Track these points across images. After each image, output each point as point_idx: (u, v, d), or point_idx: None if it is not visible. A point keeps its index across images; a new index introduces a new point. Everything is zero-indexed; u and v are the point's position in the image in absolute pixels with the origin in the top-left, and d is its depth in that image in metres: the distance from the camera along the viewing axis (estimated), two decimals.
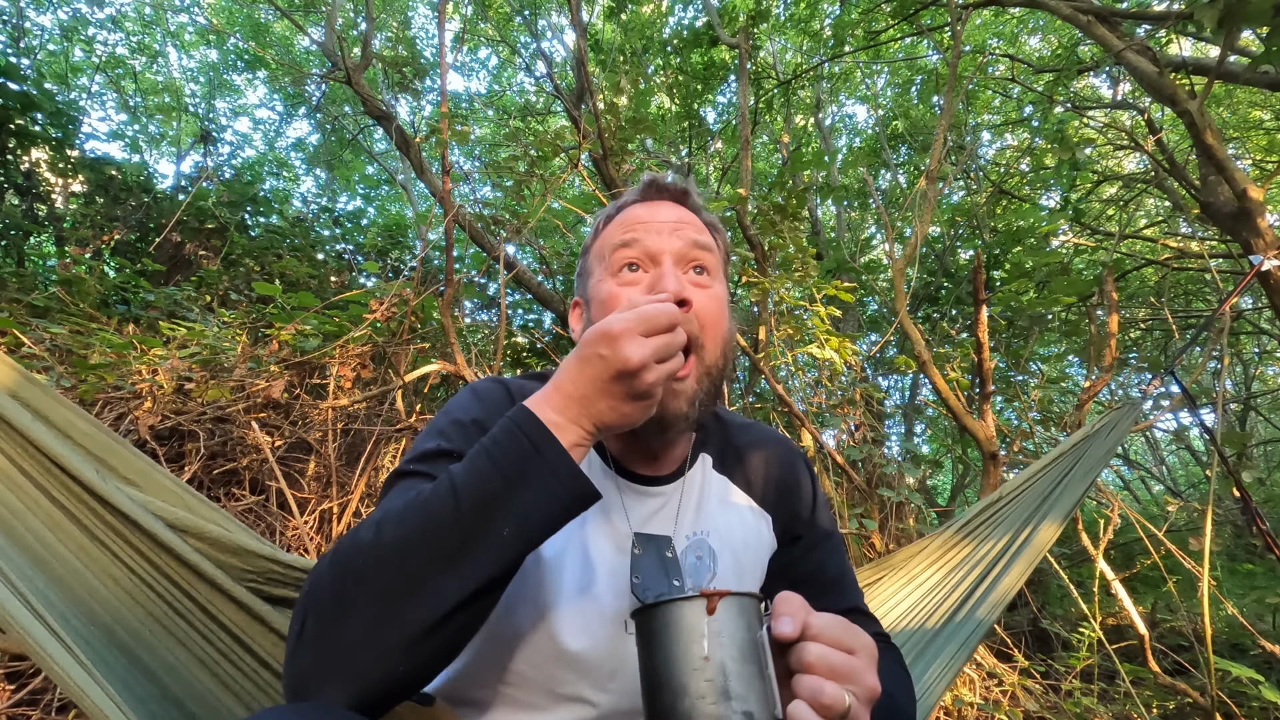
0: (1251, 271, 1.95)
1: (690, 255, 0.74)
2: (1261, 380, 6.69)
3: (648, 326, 0.58)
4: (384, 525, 0.54)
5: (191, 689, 0.78)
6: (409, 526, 0.54)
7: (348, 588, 0.53)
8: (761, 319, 3.28)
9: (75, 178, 4.19)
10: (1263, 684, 1.80)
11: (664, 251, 0.73)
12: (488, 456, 0.56)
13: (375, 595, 0.52)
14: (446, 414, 0.76)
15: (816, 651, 0.47)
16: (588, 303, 0.80)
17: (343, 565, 0.54)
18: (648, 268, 0.74)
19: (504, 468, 0.55)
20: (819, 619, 0.50)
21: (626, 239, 0.74)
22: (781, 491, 0.86)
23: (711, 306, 0.72)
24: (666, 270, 0.71)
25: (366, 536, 0.54)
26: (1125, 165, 6.24)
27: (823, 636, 0.49)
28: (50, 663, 0.58)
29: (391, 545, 0.53)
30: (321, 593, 0.54)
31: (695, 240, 0.75)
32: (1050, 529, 1.32)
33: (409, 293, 2.78)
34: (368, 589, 0.52)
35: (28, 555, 0.75)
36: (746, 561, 0.81)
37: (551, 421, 0.57)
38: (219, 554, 0.86)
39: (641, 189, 0.81)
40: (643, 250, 0.74)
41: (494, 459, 0.56)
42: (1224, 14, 1.97)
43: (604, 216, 0.83)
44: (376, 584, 0.52)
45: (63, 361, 2.33)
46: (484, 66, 8.81)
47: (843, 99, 8.08)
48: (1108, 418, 1.50)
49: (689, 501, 0.80)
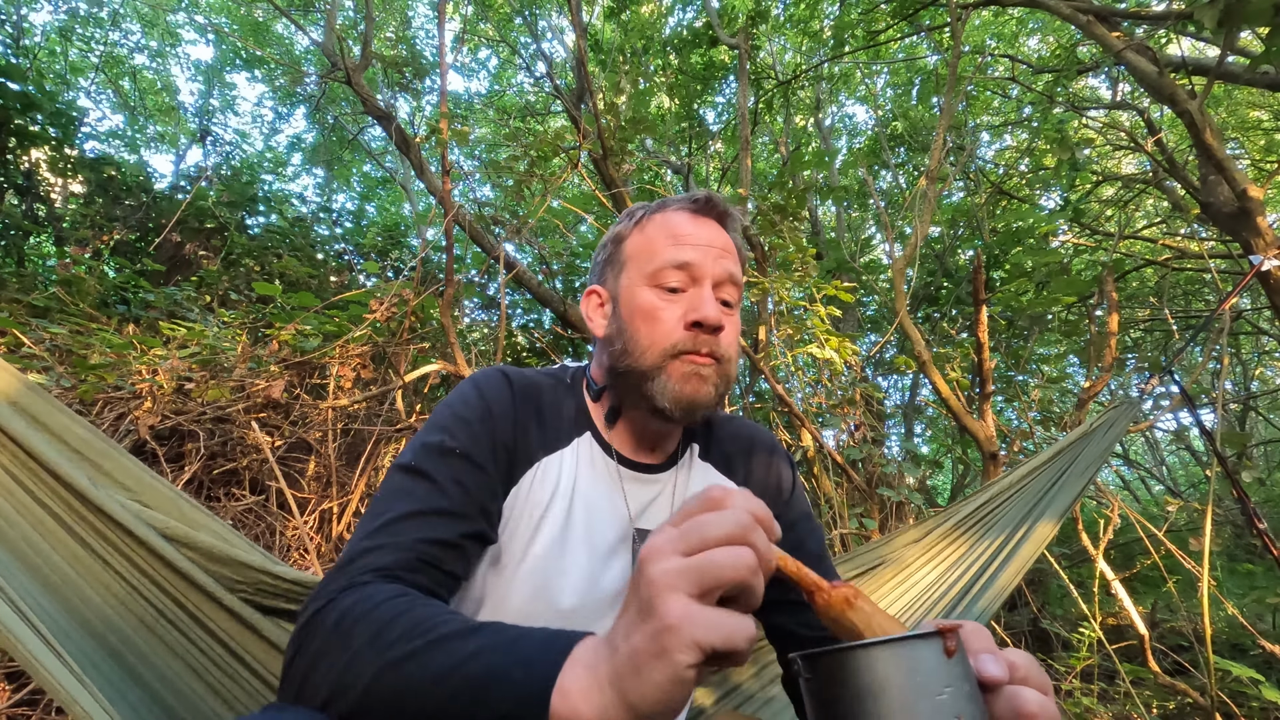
0: (1251, 271, 1.95)
1: (724, 285, 0.79)
2: (1261, 380, 6.69)
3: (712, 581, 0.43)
4: (378, 645, 0.52)
5: (183, 696, 0.78)
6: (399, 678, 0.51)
7: (328, 676, 0.53)
8: (761, 319, 3.28)
9: (75, 178, 4.19)
10: (1263, 684, 1.80)
11: (707, 277, 0.77)
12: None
13: (351, 696, 0.52)
14: (449, 407, 0.77)
15: (1038, 702, 0.44)
16: (615, 298, 0.82)
17: (332, 658, 0.54)
18: (687, 286, 0.78)
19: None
20: (1016, 656, 0.47)
21: (679, 259, 0.77)
22: (761, 475, 0.91)
23: (733, 335, 0.80)
24: (707, 297, 0.76)
25: (361, 645, 0.53)
26: (1125, 165, 6.24)
27: (1031, 679, 0.46)
28: (40, 669, 0.58)
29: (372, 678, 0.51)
30: (317, 655, 0.55)
31: (731, 274, 0.79)
32: (1047, 527, 1.32)
33: (409, 293, 2.78)
34: (347, 694, 0.52)
35: (20, 562, 0.75)
36: None
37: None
38: (211, 564, 0.86)
39: (692, 200, 0.82)
40: (692, 274, 0.78)
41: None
42: (1224, 14, 1.97)
43: (645, 211, 0.84)
44: (352, 692, 0.52)
45: (63, 361, 2.33)
46: (484, 67, 8.81)
47: (842, 99, 8.08)
48: (1105, 416, 1.50)
49: (680, 488, 0.85)
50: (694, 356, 0.75)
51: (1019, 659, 0.47)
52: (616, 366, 0.79)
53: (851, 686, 0.41)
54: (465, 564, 0.71)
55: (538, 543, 0.74)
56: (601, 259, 0.86)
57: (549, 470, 0.78)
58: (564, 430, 0.82)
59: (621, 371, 0.79)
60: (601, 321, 0.84)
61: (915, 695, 0.40)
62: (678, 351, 0.75)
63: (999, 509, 1.41)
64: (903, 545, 1.38)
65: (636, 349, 0.77)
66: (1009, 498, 1.42)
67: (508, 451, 0.76)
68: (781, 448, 0.96)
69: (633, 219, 0.84)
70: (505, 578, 0.75)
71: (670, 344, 0.75)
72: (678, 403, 0.75)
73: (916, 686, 0.40)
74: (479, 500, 0.72)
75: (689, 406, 0.75)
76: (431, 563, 0.65)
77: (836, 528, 2.56)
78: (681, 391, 0.74)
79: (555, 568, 0.74)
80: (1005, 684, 0.44)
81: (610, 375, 0.82)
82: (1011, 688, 0.45)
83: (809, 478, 2.90)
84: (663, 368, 0.75)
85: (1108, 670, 2.40)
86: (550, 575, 0.74)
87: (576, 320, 4.51)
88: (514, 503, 0.76)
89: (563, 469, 0.79)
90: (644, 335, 0.77)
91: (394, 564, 0.62)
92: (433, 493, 0.69)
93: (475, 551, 0.73)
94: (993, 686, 0.44)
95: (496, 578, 0.75)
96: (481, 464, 0.73)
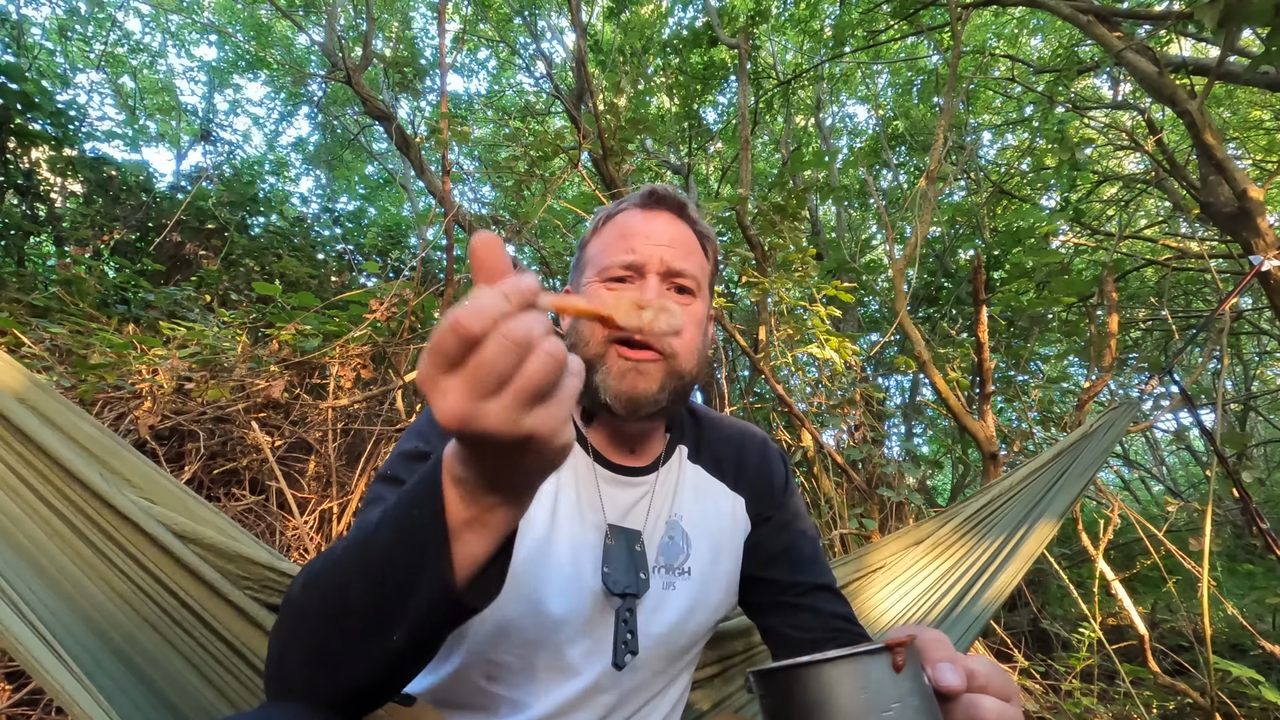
0: (1251, 271, 1.95)
1: (674, 272, 0.79)
2: (1261, 381, 6.69)
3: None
4: (309, 587, 0.52)
5: (186, 694, 0.78)
6: (324, 596, 0.51)
7: (287, 643, 0.54)
8: (761, 319, 3.27)
9: (75, 177, 4.19)
10: (1263, 684, 1.79)
11: (651, 268, 0.78)
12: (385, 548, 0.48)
13: (307, 660, 0.52)
14: (426, 413, 0.78)
15: (996, 710, 0.44)
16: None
17: (283, 622, 0.55)
18: (635, 280, 0.79)
19: (394, 572, 0.47)
20: (976, 663, 0.47)
21: (625, 255, 0.78)
22: (753, 474, 0.91)
23: (688, 324, 0.78)
24: (649, 286, 0.77)
25: (296, 594, 0.53)
26: (1125, 165, 6.23)
27: (991, 687, 0.46)
28: (39, 669, 0.59)
29: (311, 616, 0.52)
30: (279, 632, 0.55)
31: (679, 265, 0.79)
32: (1047, 527, 1.32)
33: (409, 293, 2.78)
34: (300, 651, 0.52)
35: (25, 560, 0.75)
36: (722, 544, 0.85)
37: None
38: (218, 559, 0.86)
39: (641, 196, 0.84)
40: (633, 265, 0.78)
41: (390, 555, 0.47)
42: (1224, 14, 1.97)
43: (604, 215, 0.86)
44: (306, 650, 0.52)
45: (63, 361, 2.33)
46: (483, 67, 8.81)
47: (843, 98, 8.07)
48: (1105, 417, 1.50)
49: (665, 490, 0.84)
50: (626, 349, 0.75)
51: (979, 666, 0.46)
52: None
53: (800, 702, 0.41)
54: None
55: (523, 548, 0.74)
56: (572, 265, 0.89)
57: None
58: None
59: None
60: (566, 321, 0.85)
61: (863, 711, 0.40)
62: (611, 340, 0.75)
63: (999, 510, 1.41)
64: (903, 547, 1.38)
65: (580, 341, 0.78)
66: (1009, 499, 1.42)
67: None
68: (773, 446, 0.96)
69: (595, 223, 0.86)
70: None
71: (605, 333, 0.76)
72: (618, 398, 0.74)
73: (864, 703, 0.40)
74: None
75: (629, 403, 0.74)
76: None
77: (836, 528, 2.56)
78: (620, 387, 0.74)
79: (540, 573, 0.73)
80: (963, 693, 0.44)
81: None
82: (970, 696, 0.45)
83: (809, 478, 2.90)
84: (603, 357, 0.76)
85: (1108, 670, 2.40)
86: (538, 580, 0.73)
87: None
88: None
89: None
90: (585, 327, 0.78)
91: None
92: None
93: None
94: (951, 696, 0.44)
95: None
96: None
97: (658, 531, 0.82)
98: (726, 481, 0.89)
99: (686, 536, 0.83)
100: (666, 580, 0.79)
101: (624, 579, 0.75)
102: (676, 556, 0.81)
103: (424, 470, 0.47)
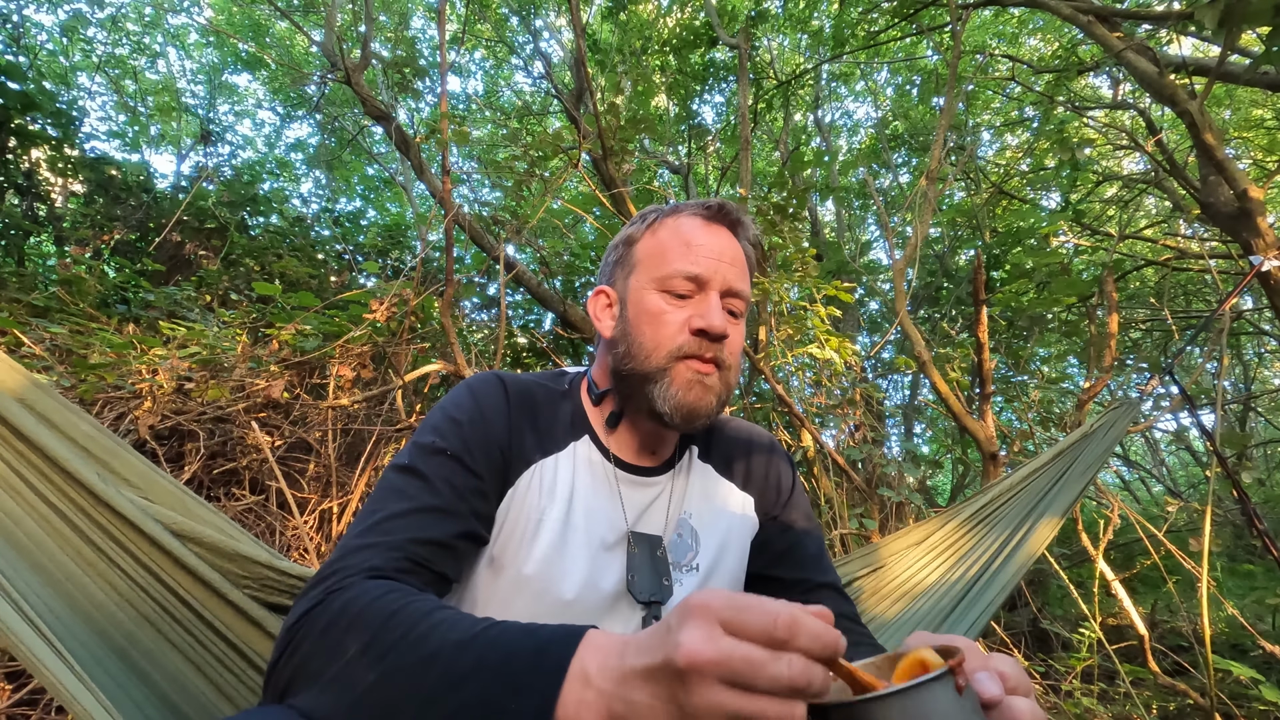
0: (1251, 272, 1.95)
1: (734, 292, 0.80)
2: (1261, 381, 6.69)
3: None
4: (369, 653, 0.51)
5: (187, 693, 0.78)
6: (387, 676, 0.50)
7: (322, 678, 0.53)
8: (761, 319, 3.27)
9: (75, 177, 4.18)
10: (1263, 684, 1.80)
11: (714, 285, 0.78)
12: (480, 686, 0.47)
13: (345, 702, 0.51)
14: (443, 409, 0.78)
15: (1029, 711, 0.45)
16: (623, 300, 0.83)
17: (317, 654, 0.54)
18: (695, 294, 0.78)
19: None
20: (1004, 665, 0.47)
21: (688, 266, 0.77)
22: (761, 474, 0.92)
23: (737, 344, 0.81)
24: (714, 305, 0.77)
25: (352, 647, 0.52)
26: (1125, 165, 6.23)
27: (1020, 687, 0.46)
28: (41, 668, 0.58)
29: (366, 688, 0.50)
30: (305, 658, 0.55)
31: (739, 286, 0.80)
32: (1047, 528, 1.32)
33: (409, 293, 2.78)
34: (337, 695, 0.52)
35: (25, 559, 0.75)
36: (730, 542, 0.86)
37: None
38: (217, 559, 0.86)
39: (705, 207, 0.83)
40: (697, 278, 0.78)
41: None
42: (1224, 14, 1.97)
43: (658, 215, 0.84)
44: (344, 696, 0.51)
45: (63, 361, 2.33)
46: (481, 67, 8.80)
47: (842, 92, 8.07)
48: (1105, 417, 1.49)
49: (678, 489, 0.86)
50: (697, 363, 0.76)
51: (1007, 668, 0.47)
52: (620, 369, 0.80)
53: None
54: (456, 565, 0.71)
55: (538, 545, 0.74)
56: (612, 259, 0.87)
57: (545, 473, 0.79)
58: (560, 434, 0.82)
59: (625, 374, 0.79)
60: (610, 322, 0.84)
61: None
62: (682, 355, 0.76)
63: (999, 510, 1.41)
64: (903, 547, 1.38)
65: (641, 352, 0.77)
66: (1009, 499, 1.42)
67: (502, 453, 0.77)
68: (780, 447, 0.97)
69: (645, 221, 0.84)
70: (506, 579, 0.75)
71: (674, 346, 0.76)
72: (679, 409, 0.75)
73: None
74: (470, 501, 0.72)
75: (689, 414, 0.76)
76: (422, 563, 0.65)
77: (836, 528, 2.56)
78: (684, 399, 0.75)
79: (556, 571, 0.74)
80: (998, 701, 0.44)
81: (614, 378, 0.82)
82: (1011, 700, 0.45)
83: (809, 478, 2.89)
84: (667, 370, 0.76)
85: (1108, 670, 2.40)
86: (552, 579, 0.74)
87: (576, 320, 4.51)
88: (510, 504, 0.76)
89: (559, 472, 0.79)
90: (649, 338, 0.77)
91: (384, 564, 0.63)
92: (425, 490, 0.70)
93: (467, 551, 0.73)
94: (992, 704, 0.44)
95: (496, 579, 0.75)
96: (472, 465, 0.73)
97: (669, 530, 0.83)
98: (736, 481, 0.90)
99: (695, 534, 0.84)
100: (675, 578, 0.80)
101: (649, 586, 0.76)
102: (685, 554, 0.82)
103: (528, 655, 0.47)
